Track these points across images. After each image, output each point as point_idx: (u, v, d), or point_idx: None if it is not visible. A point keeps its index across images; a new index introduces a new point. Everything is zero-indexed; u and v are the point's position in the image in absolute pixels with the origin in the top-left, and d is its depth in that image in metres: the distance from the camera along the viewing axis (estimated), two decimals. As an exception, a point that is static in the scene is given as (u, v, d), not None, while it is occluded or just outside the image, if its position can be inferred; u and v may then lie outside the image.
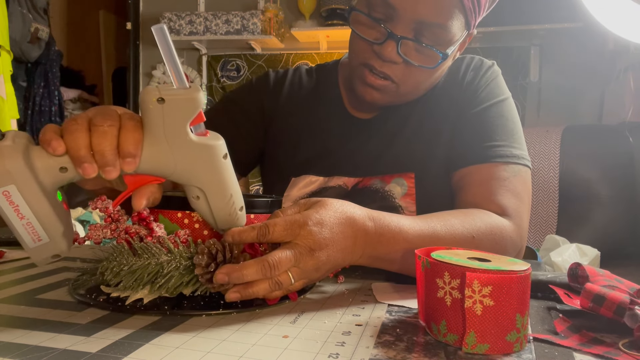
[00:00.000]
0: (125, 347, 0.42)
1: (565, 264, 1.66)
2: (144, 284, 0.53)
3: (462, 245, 0.64)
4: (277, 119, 0.94)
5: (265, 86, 0.97)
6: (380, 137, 0.87)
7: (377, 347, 0.43)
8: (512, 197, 0.75)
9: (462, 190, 0.80)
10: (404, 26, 0.73)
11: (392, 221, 0.60)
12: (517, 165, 0.78)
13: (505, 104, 0.84)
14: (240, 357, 0.41)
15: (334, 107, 0.92)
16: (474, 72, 0.86)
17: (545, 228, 2.06)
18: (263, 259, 0.50)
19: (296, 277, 0.52)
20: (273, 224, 0.52)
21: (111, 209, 0.57)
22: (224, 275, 0.50)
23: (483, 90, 0.85)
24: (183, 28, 2.74)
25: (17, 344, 0.42)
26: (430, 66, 0.76)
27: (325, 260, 0.53)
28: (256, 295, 0.52)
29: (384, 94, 0.80)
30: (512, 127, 0.82)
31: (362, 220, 0.57)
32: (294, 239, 0.52)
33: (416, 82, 0.80)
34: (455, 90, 0.86)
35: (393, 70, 0.77)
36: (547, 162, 2.08)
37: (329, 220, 0.54)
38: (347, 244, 0.55)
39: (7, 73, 2.42)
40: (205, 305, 0.52)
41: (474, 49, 2.60)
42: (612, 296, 0.48)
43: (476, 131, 0.82)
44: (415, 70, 0.77)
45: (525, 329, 0.44)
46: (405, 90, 0.80)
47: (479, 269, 0.43)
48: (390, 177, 0.84)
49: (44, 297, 0.56)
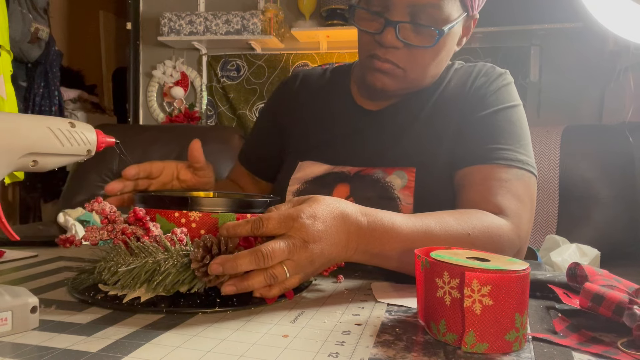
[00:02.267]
0: (125, 346, 0.42)
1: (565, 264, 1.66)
2: (142, 282, 0.53)
3: (457, 242, 0.64)
4: (292, 112, 1.00)
5: (276, 96, 1.05)
6: (388, 130, 0.89)
7: (377, 346, 0.43)
8: (511, 198, 0.75)
9: (462, 189, 0.80)
10: (399, 12, 0.78)
11: (384, 217, 0.60)
12: (521, 170, 0.78)
13: (514, 110, 0.85)
14: (241, 356, 0.41)
15: (344, 100, 0.96)
16: (485, 78, 0.88)
17: (545, 228, 2.06)
18: (257, 249, 0.51)
19: (291, 271, 0.53)
20: (267, 217, 0.53)
21: (107, 210, 0.58)
22: (218, 265, 0.51)
23: (493, 94, 0.85)
24: (183, 28, 2.74)
25: (17, 344, 0.42)
26: (429, 45, 0.79)
27: (319, 254, 0.54)
28: (252, 288, 0.52)
29: (393, 79, 0.83)
30: (520, 133, 0.82)
31: (354, 216, 0.58)
32: (288, 231, 0.53)
33: (422, 66, 0.83)
34: (465, 93, 0.87)
35: (396, 56, 0.80)
36: (547, 162, 2.08)
37: (322, 214, 0.55)
38: (341, 238, 0.56)
39: (7, 73, 2.42)
40: (201, 303, 0.53)
41: (474, 49, 2.60)
42: (611, 296, 0.48)
43: (482, 133, 0.82)
44: (417, 52, 0.80)
45: (524, 328, 0.44)
46: (413, 76, 0.83)
47: (478, 268, 0.43)
48: (392, 169, 0.86)
49: (44, 296, 0.56)
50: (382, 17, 0.78)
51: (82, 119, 3.40)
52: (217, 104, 2.93)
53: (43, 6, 2.89)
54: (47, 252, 0.82)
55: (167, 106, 3.00)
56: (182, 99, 2.96)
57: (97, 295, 0.54)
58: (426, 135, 0.87)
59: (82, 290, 0.56)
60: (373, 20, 0.81)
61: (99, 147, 0.53)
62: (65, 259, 0.78)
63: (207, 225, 0.58)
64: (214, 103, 2.94)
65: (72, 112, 3.37)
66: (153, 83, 3.00)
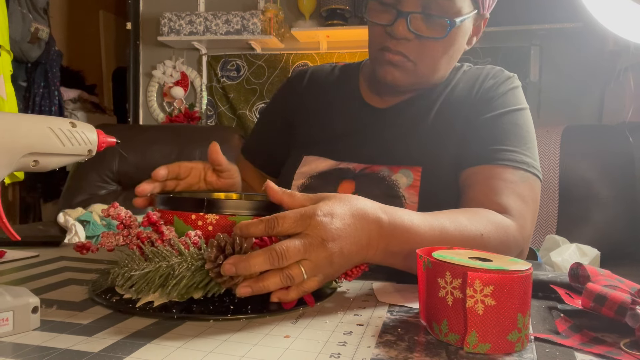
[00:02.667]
0: (126, 347, 0.42)
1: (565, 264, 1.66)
2: (156, 287, 0.52)
3: (470, 242, 0.63)
4: (299, 117, 1.00)
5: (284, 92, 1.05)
6: (395, 128, 0.90)
7: (379, 346, 0.43)
8: (516, 199, 0.75)
9: (467, 188, 0.80)
10: (411, 3, 0.79)
11: (404, 215, 0.59)
12: (527, 172, 0.78)
13: (521, 113, 0.85)
14: (242, 357, 0.41)
15: (351, 96, 0.96)
16: (493, 80, 0.88)
17: (545, 228, 2.06)
18: (270, 248, 0.49)
19: (308, 271, 0.50)
20: (282, 216, 0.51)
21: (123, 215, 0.57)
22: (231, 265, 0.49)
23: (500, 97, 0.86)
24: (183, 28, 2.73)
25: (18, 344, 0.42)
26: (441, 36, 0.80)
27: (339, 253, 0.51)
28: (267, 289, 0.50)
29: (403, 73, 0.83)
30: (526, 136, 0.82)
31: (374, 213, 0.56)
32: (304, 229, 0.51)
33: (432, 59, 0.83)
34: (472, 95, 0.88)
35: (407, 48, 0.81)
36: (547, 162, 2.07)
37: (340, 212, 0.53)
38: (361, 237, 0.54)
39: (7, 73, 2.42)
40: (214, 310, 0.51)
41: (474, 49, 2.59)
42: (613, 296, 0.48)
43: (488, 134, 0.83)
44: (428, 45, 0.81)
45: (526, 328, 0.44)
46: (423, 70, 0.84)
47: (480, 268, 0.43)
48: (397, 168, 0.85)
49: (45, 297, 0.56)
50: (395, 8, 0.80)
51: (82, 119, 3.40)
52: (217, 104, 2.93)
53: (43, 6, 2.89)
54: (48, 252, 0.81)
55: (167, 106, 3.00)
56: (182, 99, 2.95)
57: (112, 298, 0.54)
58: (433, 135, 0.87)
59: (99, 292, 0.56)
60: (385, 12, 0.82)
61: (100, 147, 0.53)
62: (66, 259, 0.77)
63: (224, 227, 0.56)
64: (214, 103, 2.94)
65: (72, 112, 3.37)
66: (153, 83, 3.00)
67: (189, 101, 2.97)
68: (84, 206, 2.30)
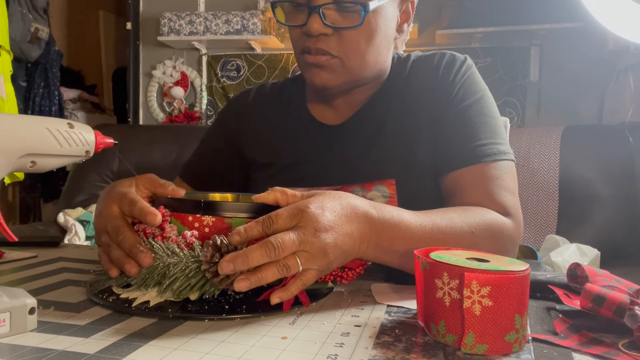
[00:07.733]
0: (124, 348, 0.42)
1: (565, 264, 1.66)
2: (152, 285, 0.53)
3: (461, 240, 0.63)
4: (248, 140, 0.95)
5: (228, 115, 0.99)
6: (356, 144, 0.86)
7: (376, 347, 0.43)
8: (509, 195, 0.76)
9: (457, 194, 0.78)
10: None
11: (392, 211, 0.60)
12: (505, 161, 0.79)
13: (483, 100, 0.83)
14: (239, 358, 0.41)
15: (301, 118, 0.91)
16: (447, 69, 0.85)
17: (545, 228, 2.06)
18: (266, 241, 0.50)
19: (304, 262, 0.51)
20: (275, 214, 0.52)
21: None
22: (228, 263, 0.49)
23: (460, 88, 0.83)
24: (183, 28, 2.74)
25: (15, 345, 0.42)
26: (358, 23, 0.76)
27: (333, 244, 0.53)
28: (265, 281, 0.50)
29: (332, 72, 0.79)
30: (494, 123, 0.82)
31: (364, 208, 0.57)
32: (298, 222, 0.52)
33: (357, 51, 0.79)
34: (430, 89, 0.85)
35: (327, 43, 0.77)
36: (547, 162, 2.07)
37: (331, 206, 0.54)
38: (353, 230, 0.55)
39: (7, 73, 2.42)
40: (209, 310, 0.51)
41: (474, 49, 2.60)
42: (612, 296, 0.48)
43: (460, 132, 0.81)
44: (348, 37, 0.77)
45: (524, 329, 0.44)
46: (351, 64, 0.79)
47: (477, 269, 0.43)
48: (370, 185, 0.83)
49: (43, 297, 0.56)
50: (306, 6, 0.76)
51: (82, 118, 3.41)
52: (217, 104, 2.93)
53: (43, 6, 2.89)
54: (47, 253, 0.81)
55: (167, 106, 3.00)
56: (182, 99, 2.96)
57: (109, 297, 0.54)
58: (398, 143, 0.84)
59: (97, 292, 0.56)
60: (297, 12, 0.78)
61: (98, 148, 0.53)
62: (64, 260, 0.77)
63: (221, 230, 0.56)
64: (214, 103, 2.94)
65: (72, 112, 3.37)
66: (153, 83, 3.00)
67: (189, 101, 2.97)
68: (84, 206, 2.30)
